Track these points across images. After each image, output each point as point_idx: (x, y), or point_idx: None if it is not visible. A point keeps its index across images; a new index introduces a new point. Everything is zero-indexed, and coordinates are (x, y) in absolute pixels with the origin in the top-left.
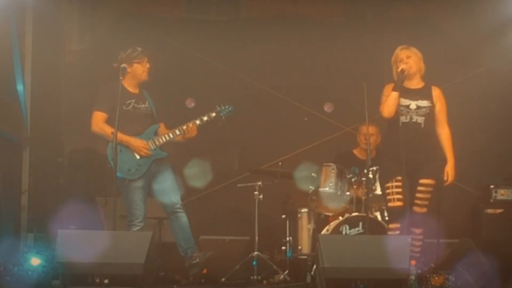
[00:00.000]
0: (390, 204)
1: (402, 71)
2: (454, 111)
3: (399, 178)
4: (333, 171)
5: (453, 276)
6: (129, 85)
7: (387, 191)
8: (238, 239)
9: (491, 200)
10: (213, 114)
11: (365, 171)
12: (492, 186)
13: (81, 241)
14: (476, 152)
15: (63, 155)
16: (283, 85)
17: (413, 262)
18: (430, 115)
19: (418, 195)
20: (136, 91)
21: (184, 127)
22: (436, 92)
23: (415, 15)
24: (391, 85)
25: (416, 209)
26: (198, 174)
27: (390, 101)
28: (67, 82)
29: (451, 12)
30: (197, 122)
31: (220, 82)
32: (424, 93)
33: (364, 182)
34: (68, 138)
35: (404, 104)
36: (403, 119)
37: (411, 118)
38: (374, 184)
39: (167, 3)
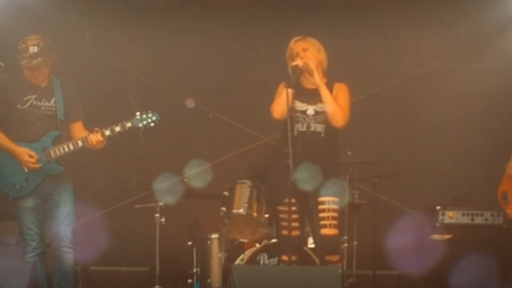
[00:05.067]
0: (284, 232)
1: (296, 67)
2: (393, 119)
3: (294, 201)
4: (248, 189)
5: None
6: (33, 75)
7: (280, 215)
8: (135, 270)
9: (438, 224)
10: (129, 125)
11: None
12: (438, 207)
13: None
14: (420, 168)
15: None
16: (191, 88)
17: None
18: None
19: (321, 215)
20: (42, 83)
21: (90, 138)
22: (339, 90)
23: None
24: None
25: (325, 231)
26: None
27: (282, 100)
28: None
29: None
30: (107, 133)
31: (117, 84)
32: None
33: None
34: None
35: (301, 109)
36: (299, 127)
37: (308, 126)
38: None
39: None
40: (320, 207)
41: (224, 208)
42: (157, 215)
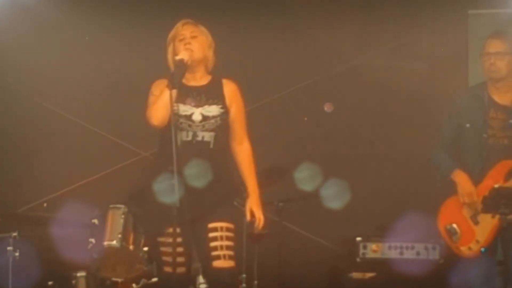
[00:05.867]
0: (167, 269)
1: (181, 61)
2: (305, 127)
3: (179, 231)
4: (123, 216)
5: None
6: None
7: (162, 249)
8: None
9: (358, 259)
10: None
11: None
12: (359, 239)
13: None
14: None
15: None
16: (54, 92)
17: None
18: (222, 128)
19: (213, 244)
20: None
21: None
22: (229, 88)
23: None
24: (162, 81)
25: (218, 263)
26: None
27: (162, 103)
28: None
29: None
30: None
31: None
32: (212, 92)
33: None
34: None
35: (185, 113)
36: (183, 136)
37: (195, 135)
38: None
39: None
40: (211, 235)
41: (93, 240)
42: (9, 248)
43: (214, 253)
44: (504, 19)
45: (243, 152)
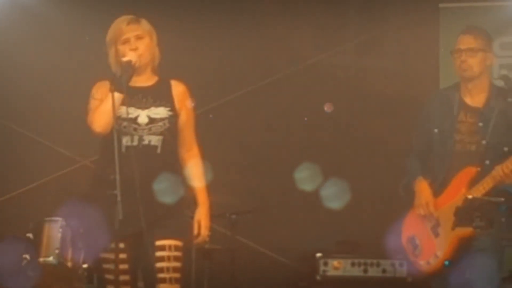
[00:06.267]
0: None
1: (129, 63)
2: (259, 131)
3: (123, 246)
4: (60, 230)
5: None
6: None
7: (105, 265)
8: None
9: (318, 277)
10: None
11: None
12: (319, 255)
13: None
14: (295, 201)
15: None
16: None
17: None
18: (171, 131)
19: (160, 264)
20: None
21: None
22: (178, 90)
23: None
24: (104, 84)
25: (163, 287)
26: None
27: (105, 107)
28: None
29: None
30: None
31: None
32: (159, 94)
33: None
34: None
35: (130, 116)
36: (127, 141)
37: (141, 138)
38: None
39: None
40: (159, 254)
41: (27, 256)
42: None
43: (160, 275)
44: (477, 13)
45: (192, 158)
